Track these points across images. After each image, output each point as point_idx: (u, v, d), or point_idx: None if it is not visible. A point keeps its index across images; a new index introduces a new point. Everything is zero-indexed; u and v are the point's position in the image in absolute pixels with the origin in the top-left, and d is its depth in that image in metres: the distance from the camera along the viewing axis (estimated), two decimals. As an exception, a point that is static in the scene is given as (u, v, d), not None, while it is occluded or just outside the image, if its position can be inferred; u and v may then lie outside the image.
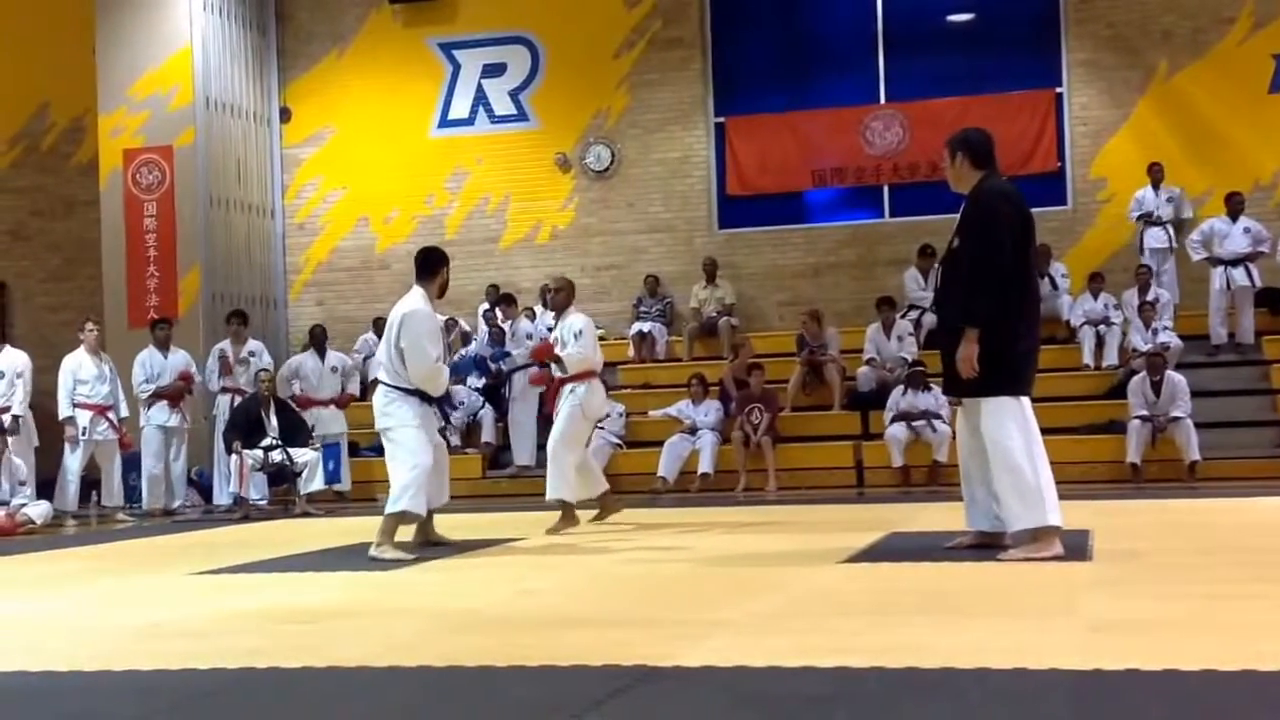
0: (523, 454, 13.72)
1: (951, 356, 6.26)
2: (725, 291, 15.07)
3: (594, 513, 9.13)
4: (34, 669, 4.25)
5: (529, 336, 13.95)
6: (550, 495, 8.86)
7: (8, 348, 12.96)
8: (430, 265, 7.71)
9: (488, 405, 14.14)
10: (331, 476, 12.60)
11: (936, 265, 6.81)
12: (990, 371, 6.13)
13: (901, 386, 12.90)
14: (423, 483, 7.39)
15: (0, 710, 3.72)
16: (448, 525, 8.18)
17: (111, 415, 12.52)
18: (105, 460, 12.58)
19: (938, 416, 12.48)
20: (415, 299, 7.60)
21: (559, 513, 8.83)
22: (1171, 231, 14.05)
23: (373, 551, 7.25)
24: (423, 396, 7.53)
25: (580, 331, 8.90)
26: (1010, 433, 6.12)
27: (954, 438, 12.53)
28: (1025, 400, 6.24)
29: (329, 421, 13.20)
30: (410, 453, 7.41)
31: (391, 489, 7.49)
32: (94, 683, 4.02)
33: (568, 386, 8.89)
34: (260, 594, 6.14)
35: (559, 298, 9.25)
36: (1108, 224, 14.71)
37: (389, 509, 7.41)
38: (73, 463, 12.34)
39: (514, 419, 13.86)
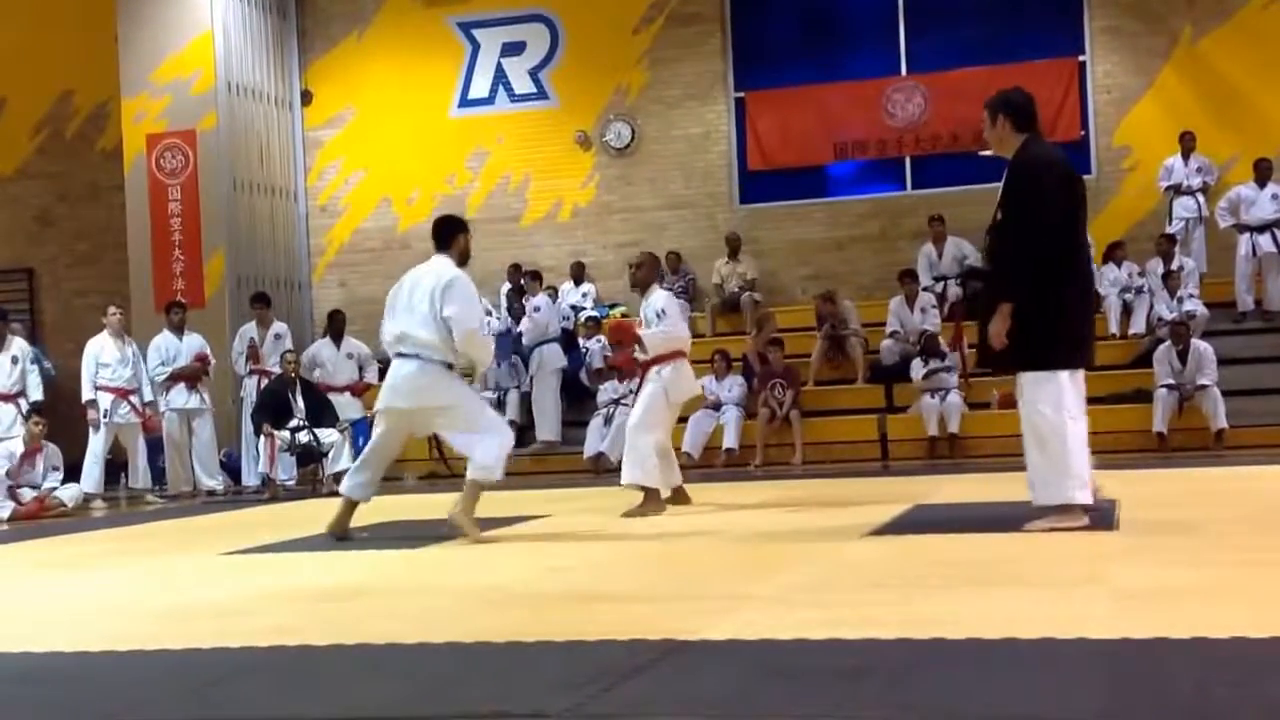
0: (545, 430, 13.73)
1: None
2: (747, 266, 15.04)
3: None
4: (67, 649, 4.30)
5: (536, 309, 13.93)
6: (625, 480, 8.30)
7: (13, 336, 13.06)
8: (448, 233, 7.32)
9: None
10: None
11: (985, 235, 6.61)
12: (1033, 344, 6.00)
13: (922, 358, 12.93)
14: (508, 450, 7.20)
15: (35, 691, 3.76)
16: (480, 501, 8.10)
17: (134, 399, 12.61)
18: (129, 443, 12.68)
19: (953, 388, 12.58)
20: (447, 266, 7.16)
21: (588, 489, 8.77)
22: (1202, 200, 13.94)
23: (460, 524, 7.02)
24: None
25: (663, 310, 8.31)
26: (1043, 409, 6.03)
27: (967, 409, 12.66)
28: (1067, 375, 6.06)
29: (346, 409, 13.16)
30: (496, 420, 7.31)
31: (481, 458, 7.06)
32: (126, 663, 4.06)
33: (654, 368, 8.33)
34: (290, 573, 6.19)
35: (639, 274, 8.66)
36: (1132, 192, 14.61)
37: (484, 478, 7.08)
38: (96, 445, 12.44)
39: (535, 396, 13.89)
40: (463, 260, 7.34)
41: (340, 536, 7.33)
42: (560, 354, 13.96)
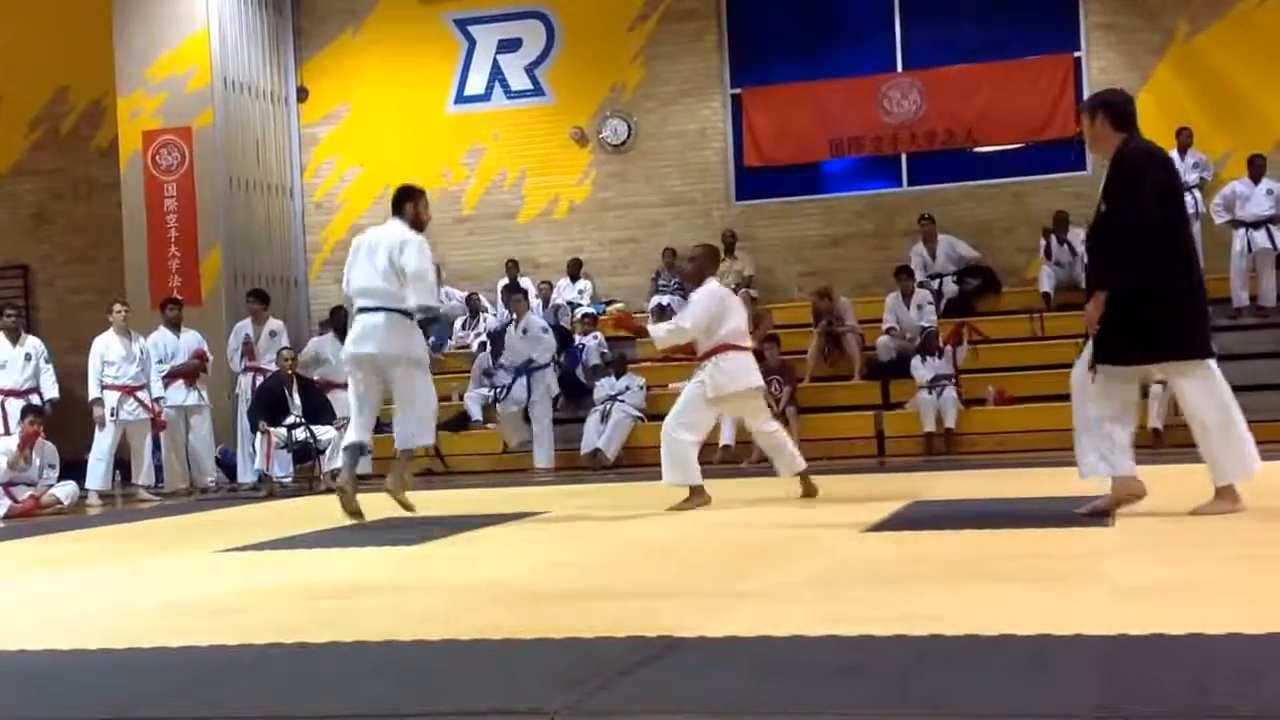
0: (541, 458, 13.35)
1: (1114, 323, 6.11)
2: (744, 263, 15.04)
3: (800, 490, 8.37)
4: (63, 647, 4.29)
5: (545, 330, 13.72)
6: (666, 480, 8.07)
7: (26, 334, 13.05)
8: (399, 200, 8.16)
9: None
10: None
11: (1084, 235, 6.69)
12: (1182, 333, 6.11)
13: (920, 355, 12.96)
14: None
15: (30, 688, 3.76)
16: (473, 500, 8.19)
17: (143, 395, 12.60)
18: (136, 440, 12.68)
19: (950, 384, 12.60)
20: (402, 227, 7.98)
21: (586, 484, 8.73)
22: (1198, 196, 13.95)
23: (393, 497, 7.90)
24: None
25: (689, 302, 8.17)
26: (1215, 394, 6.26)
27: (965, 405, 12.68)
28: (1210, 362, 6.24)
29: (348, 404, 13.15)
30: (421, 393, 7.99)
31: (401, 430, 8.05)
32: (122, 660, 4.06)
33: (705, 360, 8.10)
34: (287, 570, 6.19)
35: (690, 268, 8.37)
36: (1129, 188, 14.58)
37: (410, 445, 8.07)
38: (103, 442, 12.45)
39: (534, 420, 13.53)
40: (416, 224, 8.04)
41: (351, 503, 7.89)
42: (554, 381, 13.74)
